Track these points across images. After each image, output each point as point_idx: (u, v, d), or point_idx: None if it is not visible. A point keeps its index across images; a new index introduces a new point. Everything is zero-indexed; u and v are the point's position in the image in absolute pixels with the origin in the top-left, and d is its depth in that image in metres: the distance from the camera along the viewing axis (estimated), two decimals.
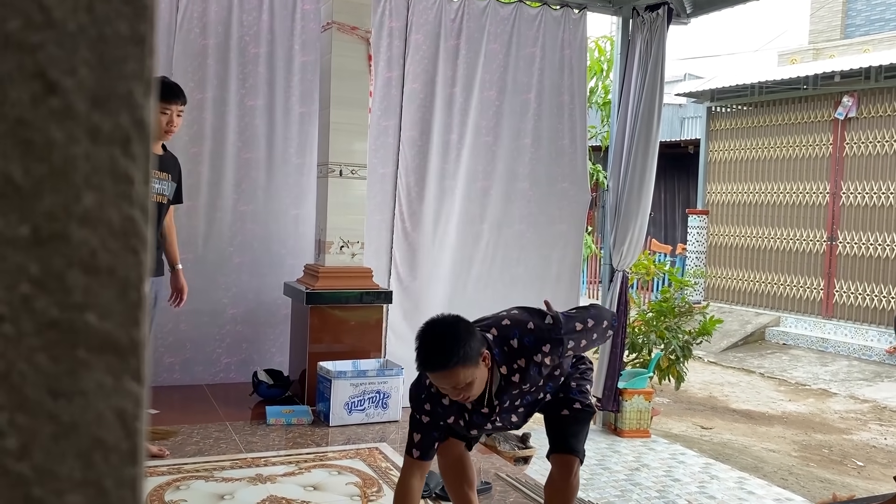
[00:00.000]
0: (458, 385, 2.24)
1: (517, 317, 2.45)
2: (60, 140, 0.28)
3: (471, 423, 2.49)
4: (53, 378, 0.28)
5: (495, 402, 2.41)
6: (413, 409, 2.52)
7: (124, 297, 0.29)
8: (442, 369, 2.22)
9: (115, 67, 0.29)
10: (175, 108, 3.45)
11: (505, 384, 2.40)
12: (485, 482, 3.47)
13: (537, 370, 2.39)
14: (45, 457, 0.28)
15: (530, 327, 2.39)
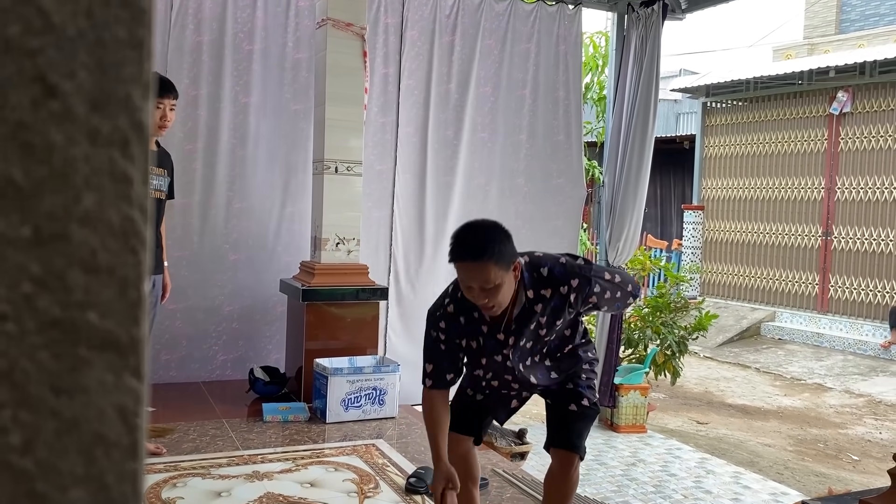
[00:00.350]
0: (487, 284, 2.20)
1: (549, 253, 2.49)
2: (60, 142, 0.29)
3: (483, 348, 2.44)
4: (55, 375, 0.29)
5: (512, 326, 2.38)
6: (427, 330, 2.48)
7: (124, 296, 0.29)
8: (474, 260, 2.19)
9: (114, 71, 0.29)
10: (168, 103, 3.45)
11: (527, 310, 2.37)
12: (481, 478, 3.47)
13: (560, 305, 2.36)
14: (48, 452, 0.28)
15: (562, 262, 2.40)
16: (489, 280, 2.20)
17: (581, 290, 2.37)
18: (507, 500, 3.30)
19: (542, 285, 2.37)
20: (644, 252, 7.70)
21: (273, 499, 3.09)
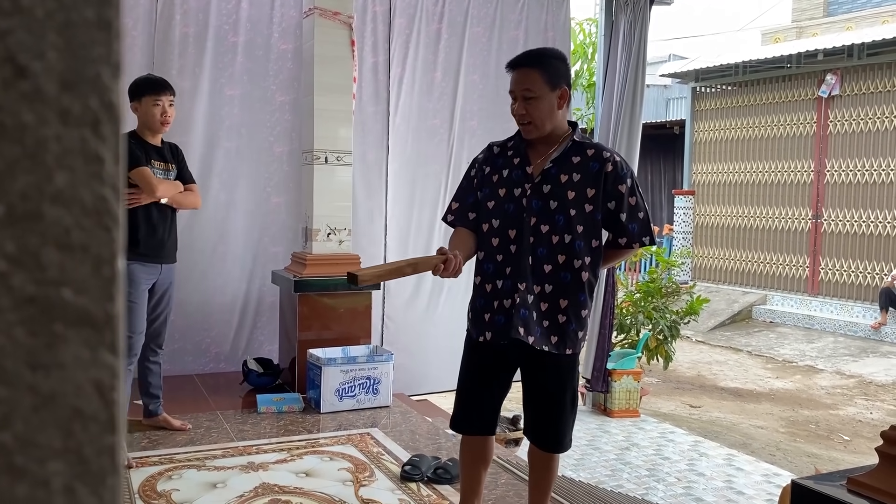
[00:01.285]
0: (528, 93, 2.35)
1: None
2: (31, 122, 0.29)
3: (508, 180, 2.46)
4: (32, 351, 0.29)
5: (548, 165, 2.40)
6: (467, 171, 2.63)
7: (98, 273, 0.30)
8: (523, 66, 2.38)
9: (83, 52, 0.30)
10: (166, 100, 3.51)
11: (566, 157, 2.41)
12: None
13: (595, 172, 2.38)
14: (26, 427, 0.29)
15: (610, 149, 2.51)
16: (531, 89, 2.36)
17: (618, 171, 2.41)
18: (502, 486, 3.33)
19: (588, 146, 2.44)
20: None
21: (268, 489, 3.11)
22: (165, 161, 3.59)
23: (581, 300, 2.44)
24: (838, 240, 9.86)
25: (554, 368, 2.50)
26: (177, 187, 3.57)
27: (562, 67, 2.43)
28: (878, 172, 9.46)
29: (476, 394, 2.61)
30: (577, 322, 2.45)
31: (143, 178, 3.38)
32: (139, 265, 3.43)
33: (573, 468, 4.30)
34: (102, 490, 0.30)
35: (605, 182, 2.39)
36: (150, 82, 3.55)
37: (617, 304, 5.70)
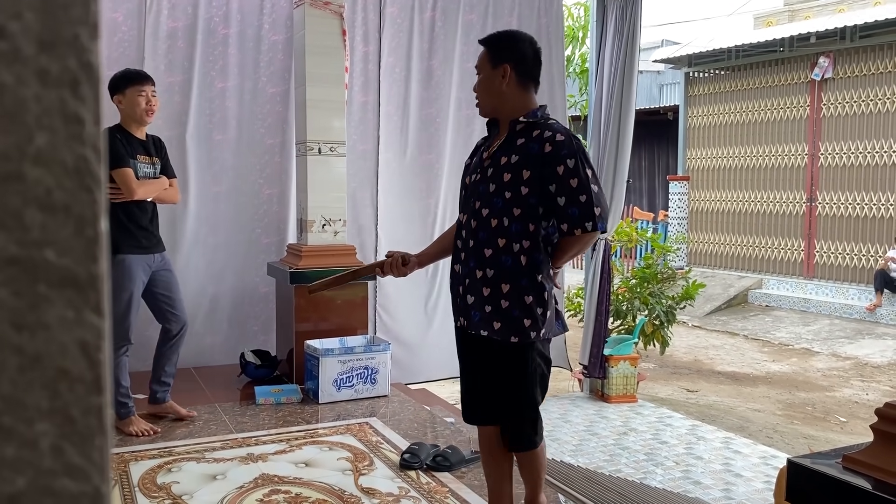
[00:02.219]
0: (476, 71, 2.50)
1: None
2: (10, 83, 0.29)
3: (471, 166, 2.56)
4: (16, 312, 0.29)
5: (495, 149, 2.44)
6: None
7: (81, 234, 0.30)
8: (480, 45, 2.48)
9: (61, 12, 0.29)
10: (149, 89, 3.54)
11: (512, 139, 2.40)
12: (474, 451, 3.51)
13: (535, 153, 2.33)
14: (13, 387, 0.29)
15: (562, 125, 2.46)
16: (477, 67, 2.48)
17: (557, 151, 2.31)
18: None
19: (537, 127, 2.39)
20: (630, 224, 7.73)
21: (268, 480, 3.12)
22: (150, 155, 3.61)
23: (523, 285, 2.36)
24: (833, 222, 9.89)
25: (500, 357, 2.41)
26: (160, 185, 3.60)
27: (508, 45, 2.41)
28: (872, 155, 9.47)
29: (465, 381, 2.60)
30: (520, 309, 2.36)
31: (123, 180, 3.41)
32: (136, 257, 3.48)
33: (572, 454, 4.32)
34: (90, 450, 0.30)
35: (542, 164, 2.31)
36: (131, 74, 3.58)
37: (613, 291, 5.71)
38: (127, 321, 3.50)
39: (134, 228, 3.49)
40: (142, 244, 3.54)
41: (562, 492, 3.14)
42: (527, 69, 2.43)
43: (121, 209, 3.46)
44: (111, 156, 3.38)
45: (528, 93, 2.45)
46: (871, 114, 9.47)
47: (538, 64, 2.47)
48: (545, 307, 2.39)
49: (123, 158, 3.43)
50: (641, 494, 3.36)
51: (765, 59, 10.62)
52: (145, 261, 3.56)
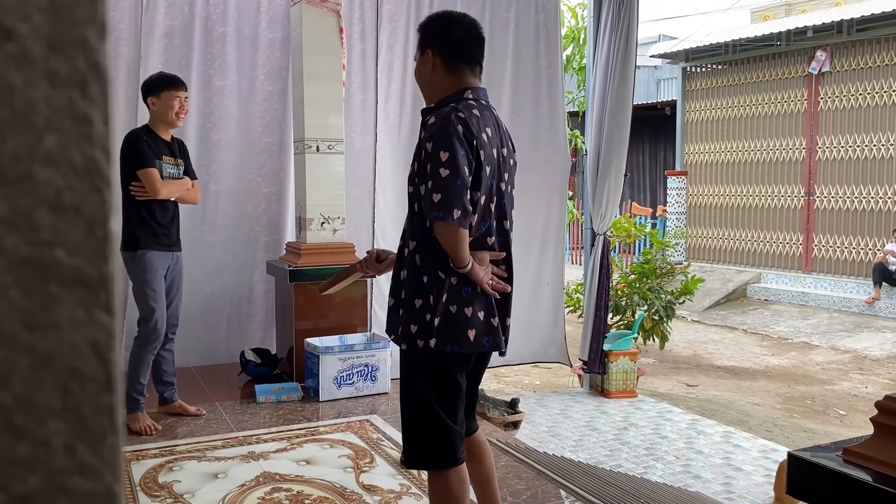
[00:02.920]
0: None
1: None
2: (19, 84, 0.29)
3: None
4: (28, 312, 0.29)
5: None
6: None
7: (91, 234, 0.30)
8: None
9: (68, 13, 0.30)
10: (183, 95, 3.67)
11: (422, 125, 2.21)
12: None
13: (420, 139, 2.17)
14: (25, 387, 0.29)
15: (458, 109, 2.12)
16: (415, 55, 2.30)
17: (426, 135, 2.11)
18: (501, 468, 3.34)
19: (432, 113, 2.19)
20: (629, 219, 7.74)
21: (269, 478, 3.12)
22: (174, 156, 3.73)
23: (415, 286, 2.14)
24: (831, 216, 9.90)
25: (401, 363, 2.26)
26: (183, 186, 3.73)
27: (432, 29, 2.19)
28: (870, 148, 9.48)
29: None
30: (406, 312, 2.15)
31: (147, 179, 3.51)
32: (156, 253, 3.53)
33: (572, 449, 4.33)
34: (102, 449, 0.30)
35: (420, 153, 2.13)
36: (169, 78, 3.70)
37: (612, 286, 5.72)
38: (156, 314, 3.57)
39: (155, 226, 3.60)
40: (162, 241, 3.64)
41: (563, 487, 3.15)
42: (456, 52, 2.19)
43: (144, 207, 3.56)
44: (138, 156, 3.50)
45: (460, 78, 2.20)
46: (868, 107, 9.47)
47: (473, 45, 2.23)
48: (435, 313, 2.10)
49: (149, 158, 3.52)
50: (642, 489, 3.36)
51: (762, 54, 10.62)
52: (165, 257, 3.65)
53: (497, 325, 2.18)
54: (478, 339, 2.13)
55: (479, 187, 2.11)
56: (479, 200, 2.12)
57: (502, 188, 2.21)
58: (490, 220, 2.18)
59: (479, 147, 2.09)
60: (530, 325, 5.43)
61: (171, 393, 3.86)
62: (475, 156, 2.08)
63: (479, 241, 2.16)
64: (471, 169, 2.07)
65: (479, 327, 2.13)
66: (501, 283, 2.19)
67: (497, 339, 2.18)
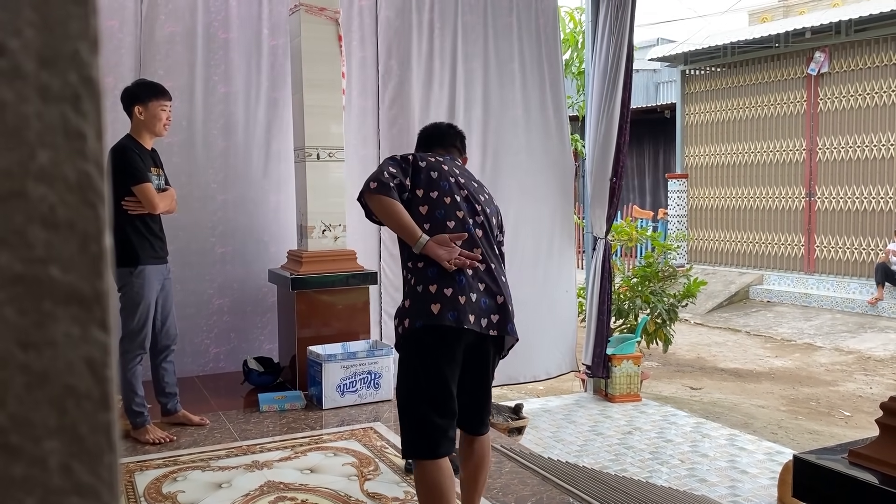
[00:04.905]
0: None
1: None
2: (11, 100, 0.29)
3: None
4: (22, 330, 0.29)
5: None
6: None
7: (85, 250, 0.30)
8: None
9: (60, 28, 0.29)
10: (169, 105, 3.63)
11: None
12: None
13: None
14: (20, 406, 0.29)
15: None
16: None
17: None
18: (506, 474, 3.33)
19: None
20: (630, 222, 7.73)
21: (274, 487, 3.11)
22: (158, 167, 3.69)
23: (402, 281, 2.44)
24: (832, 217, 9.89)
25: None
26: (173, 196, 3.68)
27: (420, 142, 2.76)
28: (870, 148, 9.47)
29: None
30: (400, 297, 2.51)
31: (145, 196, 3.47)
32: (153, 267, 3.52)
33: (577, 454, 4.31)
34: (99, 468, 0.30)
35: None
36: (156, 87, 3.63)
37: (614, 290, 5.71)
38: (144, 330, 3.56)
39: (152, 238, 3.58)
40: (158, 254, 3.62)
41: (568, 493, 3.13)
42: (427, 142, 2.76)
43: (139, 220, 3.52)
44: (131, 171, 3.45)
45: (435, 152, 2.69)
46: (867, 107, 9.47)
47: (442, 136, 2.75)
48: (406, 297, 2.35)
49: (144, 173, 3.49)
50: (647, 493, 3.35)
51: (760, 55, 10.62)
52: (160, 270, 3.63)
53: (465, 302, 2.28)
54: (442, 313, 2.24)
55: (423, 185, 2.40)
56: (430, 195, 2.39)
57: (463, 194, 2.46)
58: (446, 208, 2.39)
59: (419, 160, 2.45)
60: (544, 338, 5.41)
61: (174, 404, 3.85)
62: (413, 165, 2.42)
63: (437, 225, 2.37)
64: (402, 171, 2.39)
65: (444, 302, 2.26)
66: (465, 262, 2.31)
67: (462, 316, 2.26)
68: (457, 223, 2.38)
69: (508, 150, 5.37)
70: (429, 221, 2.36)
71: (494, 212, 2.56)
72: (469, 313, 2.27)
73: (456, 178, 2.47)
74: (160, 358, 3.77)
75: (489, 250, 2.42)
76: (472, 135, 5.24)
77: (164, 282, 3.68)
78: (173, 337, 3.80)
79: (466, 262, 2.30)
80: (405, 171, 2.39)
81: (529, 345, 5.28)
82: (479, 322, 2.29)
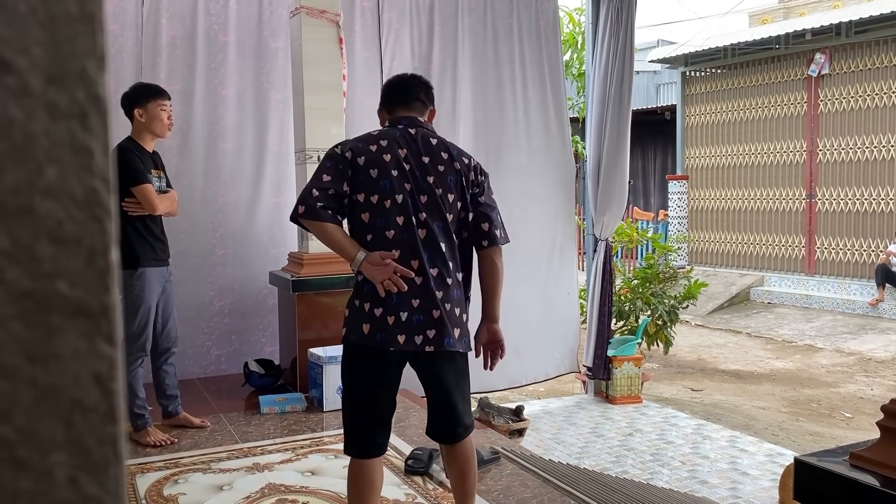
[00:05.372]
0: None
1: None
2: (19, 117, 0.29)
3: None
4: (29, 344, 0.29)
5: None
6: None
7: (92, 265, 0.30)
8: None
9: (67, 45, 0.30)
10: (168, 104, 3.62)
11: None
12: (493, 451, 3.52)
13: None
14: (27, 419, 0.29)
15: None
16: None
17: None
18: (507, 476, 3.34)
19: None
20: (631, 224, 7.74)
21: (275, 489, 3.11)
22: (159, 168, 3.69)
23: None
24: (833, 218, 9.89)
25: None
26: (174, 198, 3.68)
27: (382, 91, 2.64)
28: (870, 149, 9.47)
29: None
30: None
31: (144, 196, 3.47)
32: (154, 269, 3.52)
33: (577, 456, 4.32)
34: (106, 480, 0.30)
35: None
36: (154, 88, 3.64)
37: (615, 291, 5.71)
38: (145, 333, 3.56)
39: (152, 240, 3.57)
40: (159, 256, 3.62)
41: (569, 495, 3.14)
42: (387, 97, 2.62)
43: (139, 222, 3.52)
44: (131, 172, 3.44)
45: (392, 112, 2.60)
46: (868, 109, 9.48)
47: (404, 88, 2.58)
48: (347, 304, 2.36)
49: (144, 174, 3.49)
50: (648, 495, 3.35)
51: (761, 57, 10.63)
52: (161, 273, 3.62)
53: (393, 322, 2.26)
54: (371, 333, 2.27)
55: (363, 188, 2.31)
56: (371, 199, 2.31)
57: (407, 188, 2.33)
58: (387, 216, 2.31)
59: (358, 157, 2.32)
60: (544, 339, 5.40)
61: (175, 406, 3.86)
62: (352, 164, 2.31)
63: (378, 235, 2.30)
64: (340, 174, 2.30)
65: (373, 322, 2.27)
66: (400, 283, 2.26)
67: (389, 337, 2.26)
68: (397, 232, 2.30)
69: (509, 151, 5.38)
70: (371, 231, 2.30)
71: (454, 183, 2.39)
72: (399, 333, 2.26)
73: (400, 166, 2.33)
74: (161, 360, 3.77)
75: (434, 252, 2.32)
76: (474, 136, 5.25)
77: (165, 284, 3.68)
78: (174, 339, 3.80)
79: (401, 284, 2.26)
80: (342, 174, 2.29)
81: (530, 346, 5.28)
82: (411, 341, 2.26)
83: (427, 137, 2.42)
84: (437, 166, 2.38)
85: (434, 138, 2.44)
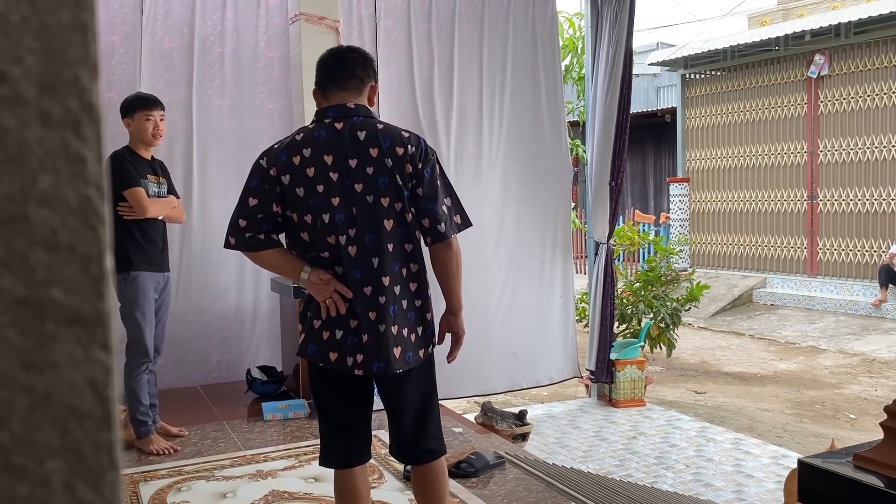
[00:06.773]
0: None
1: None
2: (13, 126, 0.29)
3: None
4: (24, 352, 0.30)
5: None
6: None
7: (87, 272, 0.30)
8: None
9: (60, 55, 0.30)
10: (157, 114, 3.64)
11: None
12: (498, 456, 3.51)
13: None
14: (23, 426, 0.29)
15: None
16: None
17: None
18: (511, 481, 3.33)
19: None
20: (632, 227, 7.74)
21: (278, 496, 3.11)
22: (157, 175, 3.71)
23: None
24: (835, 219, 9.88)
25: None
26: (169, 204, 3.69)
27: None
28: (871, 150, 9.47)
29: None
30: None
31: (135, 199, 3.50)
32: (147, 274, 3.53)
33: (581, 460, 4.31)
34: (102, 486, 0.30)
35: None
36: (140, 99, 3.71)
37: (617, 294, 5.71)
38: (144, 338, 3.55)
39: (148, 246, 3.58)
40: (154, 262, 3.62)
41: (573, 499, 3.13)
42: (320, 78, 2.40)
43: (134, 227, 3.54)
44: (123, 176, 3.49)
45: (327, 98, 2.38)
46: (868, 109, 9.48)
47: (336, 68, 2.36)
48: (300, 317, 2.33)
49: (135, 178, 3.53)
50: (652, 499, 3.35)
51: (760, 59, 10.64)
52: (156, 279, 3.62)
53: (327, 338, 2.20)
54: (313, 350, 2.23)
55: (294, 208, 2.18)
56: (304, 219, 2.18)
57: (335, 202, 2.17)
58: (320, 235, 2.18)
59: (283, 174, 2.17)
60: (542, 342, 5.39)
61: (154, 415, 3.83)
62: (279, 182, 2.18)
63: (319, 254, 2.20)
64: (266, 194, 2.19)
65: (315, 339, 2.23)
66: (340, 303, 2.17)
67: (322, 352, 2.21)
68: (331, 252, 2.17)
69: (506, 157, 5.38)
70: (313, 249, 2.19)
71: (386, 185, 2.18)
72: (331, 351, 2.20)
73: (326, 179, 2.16)
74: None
75: (367, 270, 2.18)
76: (470, 142, 5.25)
77: (160, 291, 3.68)
78: (159, 352, 3.79)
79: (340, 305, 2.17)
80: (269, 195, 2.18)
81: (530, 351, 5.28)
82: (342, 361, 2.19)
83: (355, 132, 2.19)
84: (366, 169, 2.17)
85: (363, 130, 2.19)
